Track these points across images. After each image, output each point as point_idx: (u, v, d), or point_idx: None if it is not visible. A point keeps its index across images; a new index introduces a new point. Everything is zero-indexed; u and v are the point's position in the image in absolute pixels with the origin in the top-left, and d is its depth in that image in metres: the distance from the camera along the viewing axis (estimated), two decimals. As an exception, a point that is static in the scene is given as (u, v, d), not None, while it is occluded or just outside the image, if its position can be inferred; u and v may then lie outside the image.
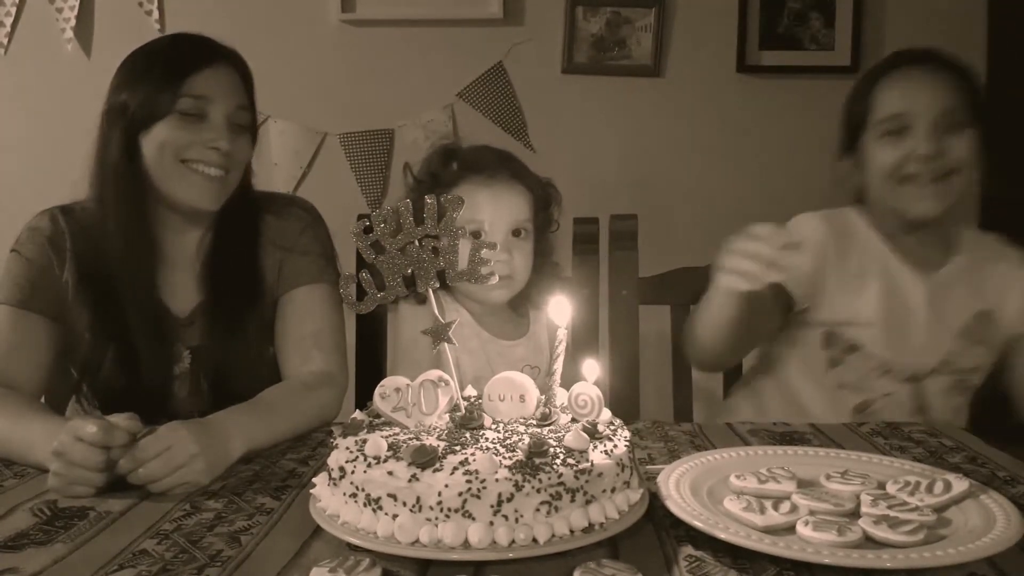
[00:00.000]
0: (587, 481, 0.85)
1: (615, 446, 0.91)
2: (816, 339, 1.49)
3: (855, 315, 1.46)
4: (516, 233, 1.40)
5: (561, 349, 1.02)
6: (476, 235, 1.34)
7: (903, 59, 1.49)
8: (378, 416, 0.99)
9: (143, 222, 1.37)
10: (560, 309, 1.02)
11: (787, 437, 1.26)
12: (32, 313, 1.33)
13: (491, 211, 1.36)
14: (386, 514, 0.84)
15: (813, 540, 0.81)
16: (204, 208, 1.37)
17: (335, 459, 0.91)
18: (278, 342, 1.43)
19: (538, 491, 0.82)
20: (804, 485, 0.94)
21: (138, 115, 1.32)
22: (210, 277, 1.41)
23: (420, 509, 0.82)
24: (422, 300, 1.22)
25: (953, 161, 1.40)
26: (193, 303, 1.41)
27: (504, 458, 0.85)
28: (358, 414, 1.00)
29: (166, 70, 1.33)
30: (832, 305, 1.47)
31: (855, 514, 0.88)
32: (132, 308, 1.35)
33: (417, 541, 0.82)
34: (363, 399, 1.55)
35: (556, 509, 0.83)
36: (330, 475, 0.92)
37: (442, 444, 0.89)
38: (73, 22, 2.71)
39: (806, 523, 0.83)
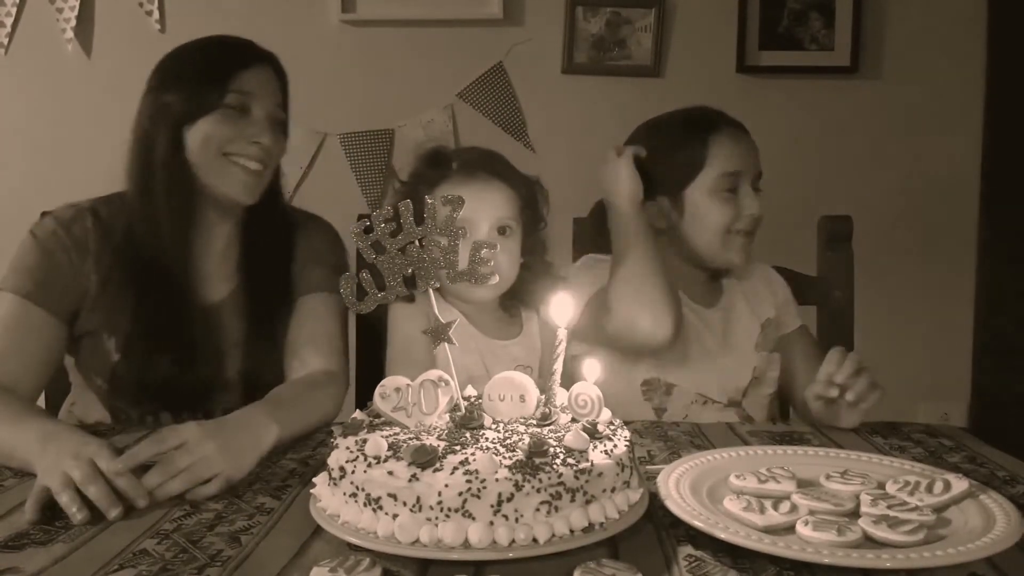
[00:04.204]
0: (587, 481, 0.85)
1: (615, 446, 0.91)
2: (637, 391, 1.50)
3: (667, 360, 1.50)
4: (500, 231, 1.39)
5: (561, 349, 1.02)
6: None
7: (723, 120, 1.53)
8: (378, 416, 0.99)
9: (190, 212, 1.39)
10: (562, 308, 1.02)
11: (787, 437, 1.26)
12: (40, 308, 1.32)
13: (471, 209, 1.35)
14: (386, 514, 0.84)
15: (813, 540, 0.81)
16: (241, 201, 1.40)
17: (335, 459, 0.91)
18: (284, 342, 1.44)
19: (538, 491, 0.82)
20: (804, 485, 0.95)
21: (184, 109, 1.35)
22: (246, 266, 1.45)
23: (420, 509, 0.82)
24: (411, 299, 1.22)
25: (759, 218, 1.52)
26: (224, 292, 1.43)
27: (504, 458, 0.85)
28: (358, 414, 1.00)
29: (213, 67, 1.37)
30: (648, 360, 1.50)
31: (855, 514, 0.88)
32: (169, 298, 1.36)
33: (417, 541, 0.82)
34: (363, 399, 1.55)
35: (556, 509, 0.83)
36: (330, 475, 0.92)
37: (442, 444, 0.89)
38: (73, 22, 2.71)
39: (806, 523, 0.83)
